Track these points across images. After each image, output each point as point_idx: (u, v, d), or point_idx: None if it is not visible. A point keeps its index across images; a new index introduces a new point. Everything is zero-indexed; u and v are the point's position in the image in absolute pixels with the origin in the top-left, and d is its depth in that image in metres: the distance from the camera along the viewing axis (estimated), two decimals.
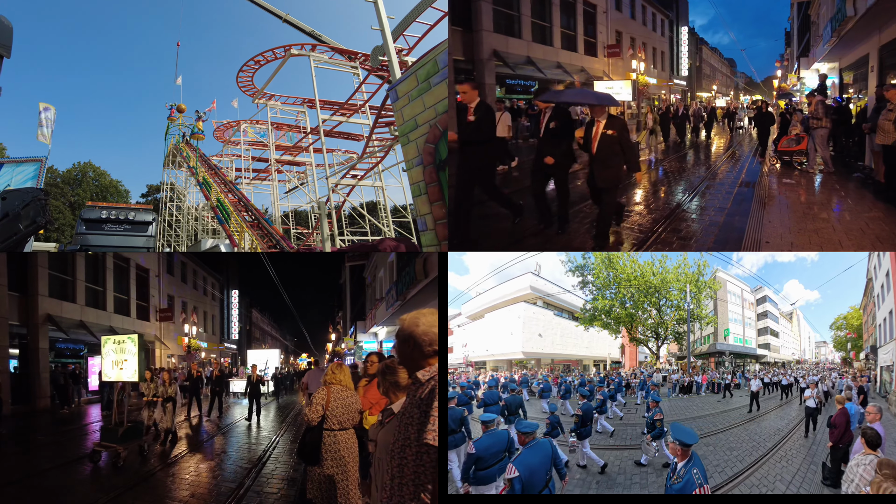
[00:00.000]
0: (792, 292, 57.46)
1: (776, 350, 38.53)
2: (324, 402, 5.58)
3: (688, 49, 38.23)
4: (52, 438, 12.59)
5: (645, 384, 17.69)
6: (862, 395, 13.09)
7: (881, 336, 19.26)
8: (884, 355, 18.47)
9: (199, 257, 37.42)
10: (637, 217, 10.03)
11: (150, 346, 27.69)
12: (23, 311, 18.23)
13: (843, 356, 33.30)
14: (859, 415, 8.20)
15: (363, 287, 32.89)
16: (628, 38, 30.02)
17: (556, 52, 24.47)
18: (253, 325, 55.59)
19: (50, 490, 8.20)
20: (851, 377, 18.58)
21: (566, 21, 25.27)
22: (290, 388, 29.98)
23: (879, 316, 19.37)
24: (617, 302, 26.98)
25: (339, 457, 5.51)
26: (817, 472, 8.05)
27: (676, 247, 8.80)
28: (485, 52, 19.97)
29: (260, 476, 8.90)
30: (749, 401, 15.49)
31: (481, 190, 8.56)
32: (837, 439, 7.57)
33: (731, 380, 20.94)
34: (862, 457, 5.23)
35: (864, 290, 24.63)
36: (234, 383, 25.54)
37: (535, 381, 19.06)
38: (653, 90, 32.23)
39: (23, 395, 17.61)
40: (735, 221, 9.68)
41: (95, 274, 23.38)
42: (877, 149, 10.84)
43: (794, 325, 43.11)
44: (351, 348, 31.32)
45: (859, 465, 5.16)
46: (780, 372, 22.89)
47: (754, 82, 44.43)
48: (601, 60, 27.49)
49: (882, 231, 8.59)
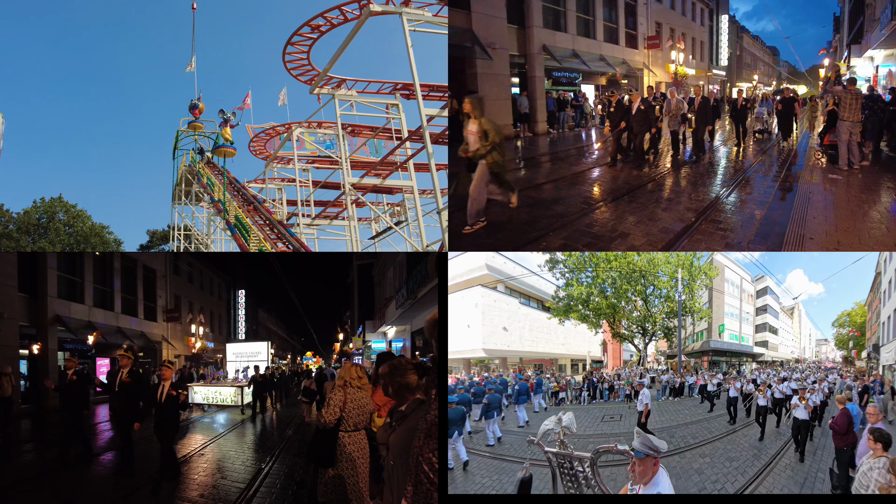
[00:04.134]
0: (795, 284, 56.18)
1: (774, 348, 37.15)
2: (341, 404, 5.48)
3: (728, 38, 37.51)
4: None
5: (542, 385, 16.64)
6: (866, 394, 12.83)
7: (884, 334, 18.91)
8: (886, 354, 18.17)
9: (206, 258, 35.98)
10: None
11: (157, 347, 27.69)
12: (32, 312, 18.20)
13: (844, 355, 32.83)
14: (862, 415, 8.00)
15: (372, 286, 31.59)
16: (668, 28, 30.18)
17: (599, 45, 25.14)
18: (259, 324, 54.31)
19: (61, 489, 8.16)
20: (853, 377, 18.20)
21: (608, 14, 25.89)
22: (287, 393, 24.49)
23: (884, 313, 19.04)
24: (595, 289, 22.78)
25: (351, 458, 5.41)
26: (826, 481, 7.64)
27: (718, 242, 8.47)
28: (535, 47, 20.66)
29: (269, 477, 8.82)
30: (727, 406, 13.32)
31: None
32: (841, 442, 7.17)
33: (724, 379, 17.91)
34: (874, 460, 5.05)
35: (872, 286, 24.06)
36: (197, 390, 20.16)
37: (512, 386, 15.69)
38: (691, 80, 31.48)
39: (32, 395, 17.61)
40: (776, 216, 9.17)
41: (104, 274, 23.34)
42: None
43: (795, 322, 41.95)
44: (359, 348, 30.16)
45: (872, 469, 4.99)
46: (773, 375, 19.52)
47: (798, 72, 42.08)
48: (641, 52, 27.96)
49: None
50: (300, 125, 28.42)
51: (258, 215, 24.22)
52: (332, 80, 23.10)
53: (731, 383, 14.17)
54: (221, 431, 14.48)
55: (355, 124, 28.54)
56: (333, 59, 20.39)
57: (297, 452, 10.91)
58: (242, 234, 21.49)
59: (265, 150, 32.41)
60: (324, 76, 22.28)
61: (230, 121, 26.95)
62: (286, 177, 32.51)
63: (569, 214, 9.73)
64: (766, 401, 11.46)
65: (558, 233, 8.86)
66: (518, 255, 22.95)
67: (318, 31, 21.19)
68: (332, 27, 20.72)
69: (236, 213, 23.34)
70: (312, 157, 30.94)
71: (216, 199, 25.26)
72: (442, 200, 18.14)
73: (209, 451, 11.43)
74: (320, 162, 31.07)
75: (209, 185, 27.29)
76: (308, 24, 20.75)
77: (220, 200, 24.25)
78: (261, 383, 19.05)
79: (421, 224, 20.97)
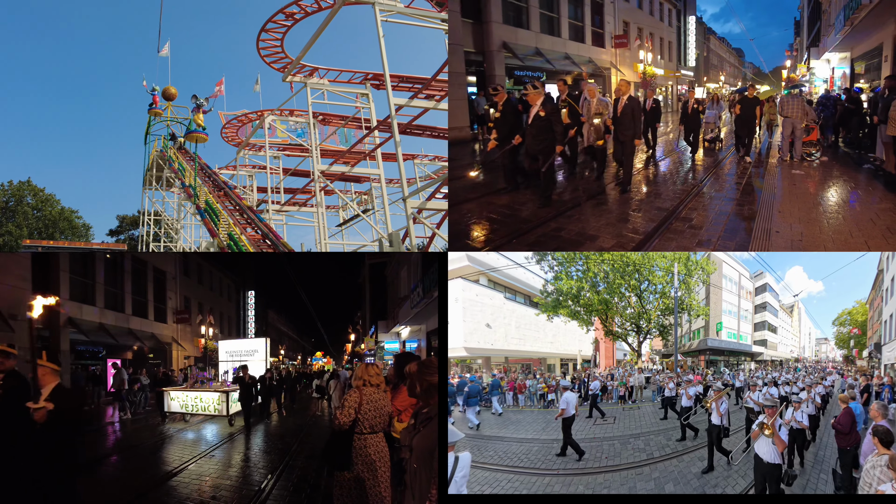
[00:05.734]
0: (795, 281, 55.62)
1: (773, 347, 36.35)
2: (356, 405, 5.27)
3: (695, 39, 37.38)
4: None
5: (497, 386, 15.67)
6: (867, 393, 12.75)
7: (886, 333, 18.72)
8: (888, 353, 18.00)
9: (215, 258, 34.73)
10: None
11: (167, 348, 27.73)
12: (45, 314, 18.32)
13: (845, 354, 32.50)
14: (865, 415, 7.93)
15: (384, 286, 30.24)
16: (636, 28, 29.60)
17: (565, 43, 24.15)
18: (269, 325, 52.58)
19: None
20: (853, 377, 18.11)
21: (574, 11, 24.93)
22: (294, 398, 22.40)
23: (886, 312, 18.87)
24: (586, 283, 21.19)
25: (369, 461, 5.20)
26: (829, 483, 7.49)
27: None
28: (494, 44, 19.58)
29: (283, 480, 8.69)
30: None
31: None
32: (845, 442, 7.05)
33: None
34: (877, 458, 5.04)
35: (874, 284, 23.55)
36: (173, 396, 16.90)
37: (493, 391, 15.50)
38: (660, 81, 31.28)
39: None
40: (744, 212, 9.44)
41: (114, 277, 23.41)
42: (887, 140, 10.66)
43: (795, 320, 41.26)
44: (372, 348, 29.00)
45: (875, 468, 4.98)
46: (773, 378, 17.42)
47: (763, 73, 43.59)
48: (609, 51, 27.15)
49: (893, 222, 8.46)
50: (272, 113, 28.66)
51: (228, 201, 24.06)
52: (304, 68, 23.47)
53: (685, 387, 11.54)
54: (201, 450, 11.44)
55: (326, 113, 28.65)
56: (307, 48, 20.45)
57: (314, 454, 10.63)
58: (212, 219, 21.35)
59: (237, 136, 32.53)
60: (296, 64, 22.59)
61: (203, 107, 28.07)
62: (257, 164, 32.54)
63: (534, 220, 9.43)
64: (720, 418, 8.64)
65: (523, 238, 8.84)
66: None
67: (292, 19, 21.60)
68: (307, 15, 21.12)
69: (207, 198, 23.09)
70: (283, 145, 31.01)
71: (187, 185, 24.97)
72: (408, 188, 18.13)
73: (176, 485, 8.67)
74: (291, 149, 31.08)
75: (180, 170, 26.86)
76: (282, 11, 21.02)
77: (191, 186, 24.21)
78: (249, 386, 15.62)
79: (387, 211, 21.80)
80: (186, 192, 25.35)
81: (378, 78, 23.59)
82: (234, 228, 20.58)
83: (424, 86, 20.83)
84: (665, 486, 7.84)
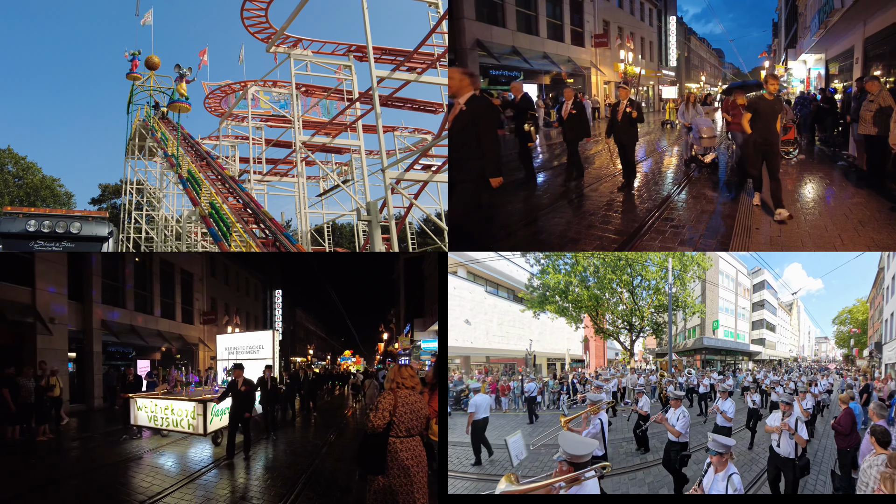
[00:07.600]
0: (793, 278, 54.47)
1: (772, 346, 35.19)
2: (390, 408, 5.01)
3: (676, 39, 36.94)
4: (107, 437, 12.66)
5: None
6: (866, 393, 12.60)
7: (887, 332, 18.35)
8: (889, 352, 17.65)
9: (241, 258, 33.64)
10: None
11: (195, 349, 27.88)
12: (80, 317, 18.62)
13: (845, 353, 31.85)
14: (864, 415, 7.79)
15: (421, 282, 28.60)
16: (616, 27, 28.89)
17: (543, 42, 23.14)
18: (297, 324, 50.74)
19: (105, 485, 8.22)
20: (853, 377, 17.80)
21: (552, 10, 23.88)
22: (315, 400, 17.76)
23: (887, 310, 18.52)
24: (575, 278, 19.37)
25: (403, 466, 4.94)
26: (827, 483, 7.33)
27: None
28: (467, 41, 18.47)
29: (312, 482, 8.30)
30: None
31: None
32: (844, 443, 6.91)
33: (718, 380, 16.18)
34: (874, 457, 4.97)
35: (874, 282, 23.09)
36: (140, 405, 12.05)
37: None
38: (641, 81, 30.67)
39: (77, 395, 18.00)
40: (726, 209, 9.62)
41: (143, 279, 23.64)
42: (858, 138, 10.82)
43: (794, 318, 40.16)
44: (407, 348, 27.66)
45: (872, 467, 4.90)
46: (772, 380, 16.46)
47: (742, 73, 43.47)
48: (588, 50, 26.23)
49: (864, 215, 8.76)
50: (255, 83, 27.94)
51: (210, 171, 23.36)
52: (288, 38, 22.63)
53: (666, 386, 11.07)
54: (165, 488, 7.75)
55: (309, 84, 28.29)
56: (291, 18, 19.80)
57: (345, 457, 9.99)
58: (194, 188, 20.77)
59: (220, 107, 31.74)
60: (280, 34, 21.77)
61: (186, 76, 26.97)
62: (240, 134, 31.63)
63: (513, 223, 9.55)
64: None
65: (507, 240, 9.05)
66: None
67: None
68: None
69: (189, 167, 22.39)
70: (266, 116, 30.37)
71: (170, 154, 24.28)
72: (388, 160, 17.81)
73: None
74: (273, 121, 30.45)
75: (163, 139, 26.27)
76: None
77: (174, 155, 23.44)
78: (244, 394, 10.07)
79: (366, 182, 21.76)
80: (169, 162, 24.86)
81: (361, 50, 22.73)
82: (216, 198, 19.91)
83: (406, 58, 19.97)
84: (660, 491, 7.73)
